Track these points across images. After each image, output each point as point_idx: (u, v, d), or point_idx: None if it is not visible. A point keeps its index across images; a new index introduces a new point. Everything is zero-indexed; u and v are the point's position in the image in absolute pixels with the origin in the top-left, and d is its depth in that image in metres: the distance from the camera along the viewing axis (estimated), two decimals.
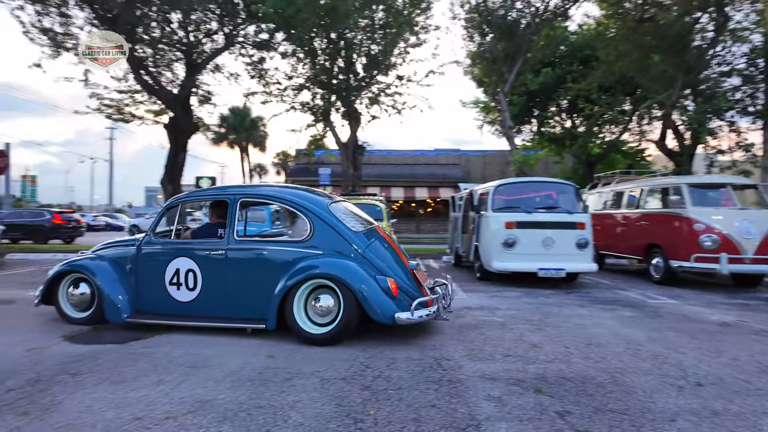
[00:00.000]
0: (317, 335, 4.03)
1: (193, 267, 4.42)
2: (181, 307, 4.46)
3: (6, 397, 2.79)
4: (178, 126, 14.51)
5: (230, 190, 4.82)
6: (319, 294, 4.12)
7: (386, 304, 4.00)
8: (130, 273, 4.63)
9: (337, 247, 4.26)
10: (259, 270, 4.31)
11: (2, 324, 4.71)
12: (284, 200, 4.58)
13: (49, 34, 13.25)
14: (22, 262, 11.11)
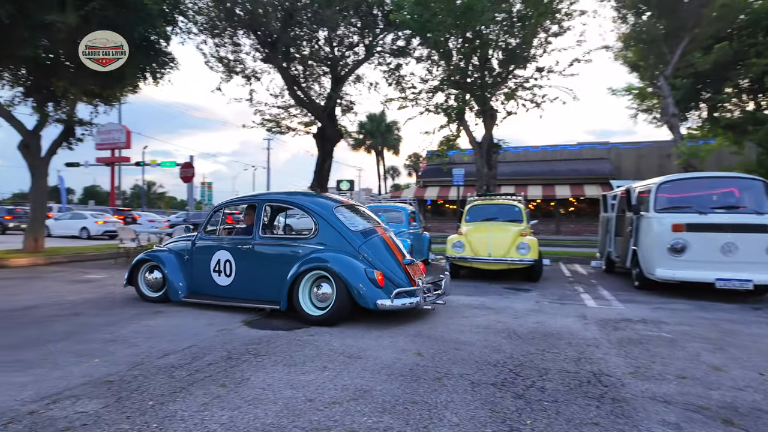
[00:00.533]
0: (316, 316, 4.80)
1: (230, 258, 5.52)
2: (221, 290, 5.57)
3: (208, 370, 3.35)
4: (325, 135, 15.85)
5: (258, 196, 6.13)
6: (321, 282, 4.89)
7: (371, 292, 4.65)
8: (187, 262, 5.87)
9: (337, 243, 5.04)
10: (275, 261, 5.26)
11: (193, 309, 5.66)
12: (296, 204, 5.64)
13: (224, 61, 15.60)
14: None
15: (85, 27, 9.45)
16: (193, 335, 4.31)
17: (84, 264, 10.67)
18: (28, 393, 2.84)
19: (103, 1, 9.47)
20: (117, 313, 5.25)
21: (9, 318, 4.97)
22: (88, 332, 4.37)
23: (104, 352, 3.73)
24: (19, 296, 6.30)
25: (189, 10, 12.62)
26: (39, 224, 11.62)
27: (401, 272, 5.09)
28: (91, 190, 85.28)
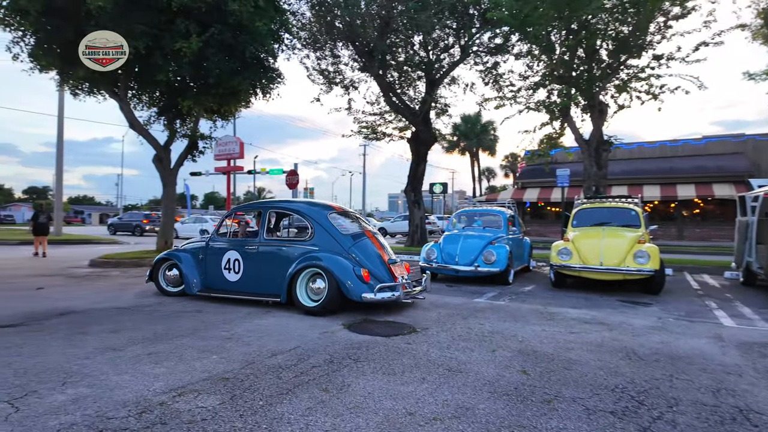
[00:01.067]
0: (311, 307, 5.61)
1: (238, 257, 6.35)
2: (231, 285, 6.38)
3: (311, 372, 3.46)
4: (419, 139, 15.89)
5: (264, 203, 7.32)
6: (315, 278, 5.71)
7: (358, 287, 5.45)
8: (202, 261, 6.68)
9: (330, 245, 5.86)
10: (277, 260, 6.08)
11: (298, 311, 5.94)
12: (295, 210, 6.60)
13: (324, 73, 16.40)
14: None
15: (206, 50, 10.53)
16: (298, 336, 4.51)
17: None
18: (159, 384, 3.16)
19: (220, 27, 10.48)
20: (233, 311, 5.70)
21: (143, 312, 5.64)
22: (209, 329, 4.79)
23: (221, 349, 4.05)
24: (150, 292, 7.15)
25: (294, 27, 13.44)
26: (169, 228, 13.18)
27: (385, 270, 5.92)
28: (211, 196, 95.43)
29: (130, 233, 29.40)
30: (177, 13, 10.36)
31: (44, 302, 6.21)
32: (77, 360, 3.66)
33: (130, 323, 5.02)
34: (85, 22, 9.68)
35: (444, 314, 5.71)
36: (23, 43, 10.90)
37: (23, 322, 4.97)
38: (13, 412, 2.67)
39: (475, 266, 8.05)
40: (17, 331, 4.61)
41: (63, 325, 4.85)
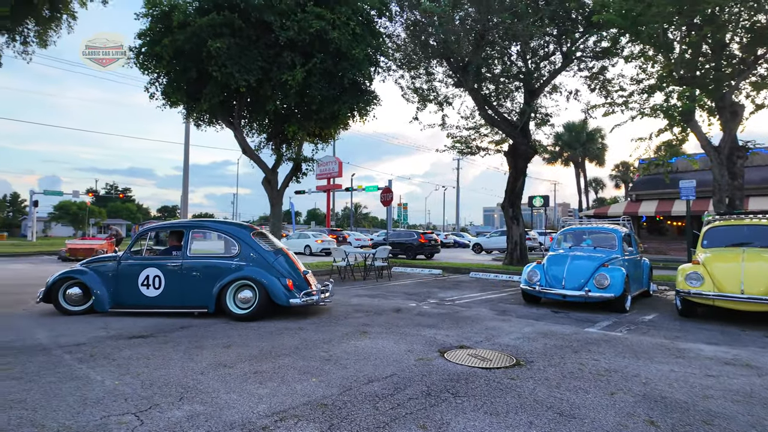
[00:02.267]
0: (242, 314, 6.45)
1: (159, 274, 6.76)
2: (149, 300, 6.74)
3: (408, 405, 3.34)
4: (517, 152, 15.22)
5: (185, 222, 7.98)
6: (243, 289, 6.55)
7: (285, 295, 6.48)
8: (112, 279, 6.85)
9: (256, 260, 6.72)
10: (204, 274, 6.72)
11: (394, 331, 5.87)
12: (221, 230, 7.25)
13: (419, 91, 16.54)
14: (401, 275, 14.00)
15: (309, 79, 11.20)
16: (394, 362, 4.43)
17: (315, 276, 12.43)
18: (263, 407, 3.26)
19: (322, 56, 11.09)
20: (331, 331, 5.82)
21: (251, 328, 5.99)
22: (309, 348, 4.91)
23: (321, 371, 4.11)
24: None
25: (389, 50, 13.78)
26: None
27: (302, 280, 7.02)
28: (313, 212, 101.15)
29: None
30: (284, 47, 11.20)
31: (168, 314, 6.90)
32: (194, 375, 3.95)
33: (239, 338, 5.35)
34: (206, 62, 10.88)
35: (551, 345, 5.25)
36: (157, 84, 12.55)
37: (152, 334, 5.56)
38: (138, 425, 2.92)
39: (586, 291, 7.35)
40: (147, 342, 5.15)
41: (184, 339, 5.32)
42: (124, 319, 6.41)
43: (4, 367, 4.10)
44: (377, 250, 12.44)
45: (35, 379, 3.79)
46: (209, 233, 7.67)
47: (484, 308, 7.89)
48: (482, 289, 10.55)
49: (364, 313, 7.15)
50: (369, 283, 11.63)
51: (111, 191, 70.62)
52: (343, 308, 7.62)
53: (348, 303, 8.22)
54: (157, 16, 11.50)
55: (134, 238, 7.40)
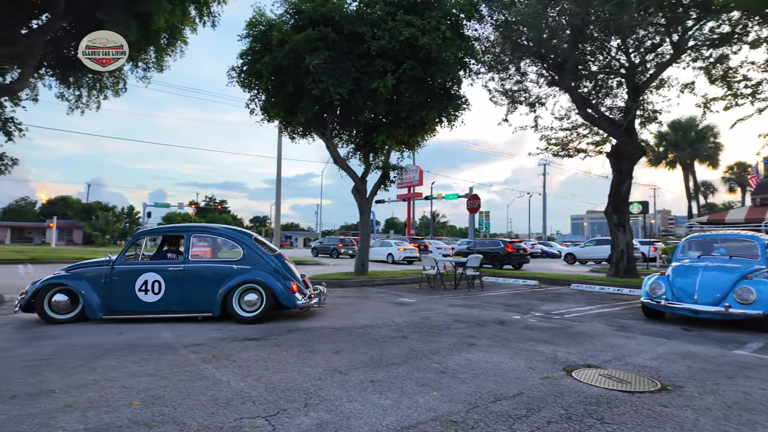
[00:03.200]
0: (248, 317, 6.49)
1: (158, 279, 6.55)
2: (147, 305, 6.52)
3: (549, 430, 2.98)
4: (622, 152, 13.98)
5: (184, 226, 7.59)
6: (247, 293, 6.59)
7: (291, 297, 6.71)
8: (105, 285, 6.48)
9: (261, 264, 6.77)
10: (208, 279, 6.66)
11: (506, 345, 5.47)
12: (223, 234, 7.18)
13: (508, 93, 15.91)
14: (493, 285, 13.38)
15: (399, 86, 11.19)
16: (517, 379, 4.06)
17: (396, 287, 12.34)
18: (389, 420, 3.09)
19: (412, 62, 11.04)
20: (436, 341, 5.57)
21: (355, 335, 5.93)
22: (419, 358, 4.71)
23: (439, 384, 3.87)
24: (358, 314, 7.58)
25: (478, 53, 13.40)
26: (365, 251, 14.21)
27: (302, 283, 7.17)
28: (391, 221, 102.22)
29: (328, 255, 33.16)
30: (374, 56, 11.32)
31: (273, 317, 7.10)
32: (312, 381, 3.90)
33: (345, 344, 5.29)
34: (303, 77, 11.31)
35: (697, 369, 4.54)
36: (257, 100, 13.31)
37: (263, 336, 5.70)
38: (270, 430, 2.89)
39: (725, 307, 6.37)
40: (260, 345, 5.27)
41: (293, 342, 5.38)
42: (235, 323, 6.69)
43: (141, 363, 4.37)
44: (469, 259, 12.01)
45: (168, 376, 3.97)
46: (211, 237, 7.34)
47: (598, 323, 7.18)
48: (589, 302, 9.69)
49: (465, 324, 6.81)
50: (460, 292, 11.23)
51: (210, 203, 76.96)
52: (440, 318, 7.35)
53: (445, 312, 7.93)
54: (257, 36, 12.23)
55: (128, 243, 7.04)
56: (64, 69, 11.86)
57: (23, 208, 68.06)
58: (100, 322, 6.30)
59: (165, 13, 8.59)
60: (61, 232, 55.37)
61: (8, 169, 9.09)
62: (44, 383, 3.73)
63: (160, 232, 7.71)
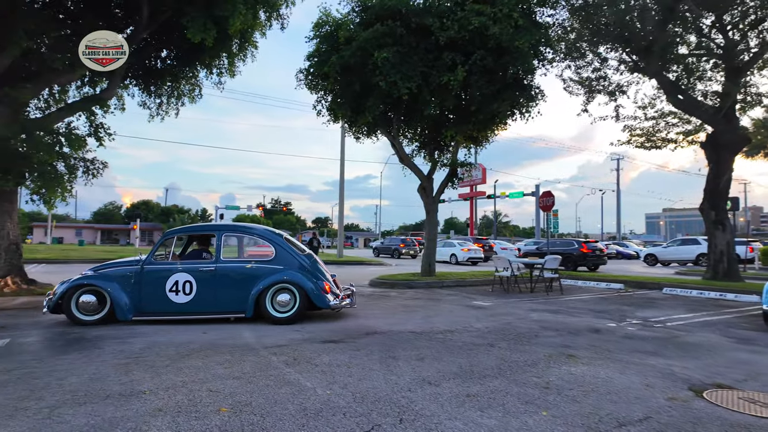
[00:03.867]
0: (282, 317, 6.42)
1: (190, 279, 6.39)
2: (178, 307, 6.35)
3: None
4: (720, 142, 12.51)
5: (215, 225, 8.09)
6: (279, 293, 6.51)
7: (323, 297, 6.57)
8: (135, 285, 6.34)
9: (293, 264, 6.71)
10: (240, 279, 6.49)
11: (610, 357, 4.86)
12: (255, 234, 7.10)
13: (585, 82, 14.85)
14: (572, 288, 12.47)
15: (469, 78, 10.71)
16: (637, 399, 3.51)
17: (466, 289, 11.83)
18: None
19: (482, 52, 10.51)
20: (528, 350, 5.09)
21: (436, 340, 5.57)
22: (515, 371, 4.26)
23: (546, 402, 3.42)
24: (434, 318, 7.21)
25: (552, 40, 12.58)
26: (432, 252, 13.80)
27: (333, 283, 6.97)
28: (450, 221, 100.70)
29: (389, 255, 33.04)
30: (443, 48, 10.91)
31: (350, 320, 6.91)
32: (401, 391, 3.60)
33: (428, 350, 4.95)
34: (370, 74, 11.14)
35: None
36: (323, 101, 13.36)
37: (342, 339, 5.50)
38: None
39: None
40: (340, 348, 5.06)
41: (374, 347, 5.12)
42: (314, 322, 6.57)
43: (225, 365, 4.29)
44: (546, 260, 11.24)
45: (253, 380, 3.84)
46: (242, 237, 7.09)
47: (710, 333, 6.30)
48: (690, 309, 8.66)
49: (555, 332, 6.23)
50: (537, 296, 10.52)
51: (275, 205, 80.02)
52: (524, 324, 6.80)
53: (527, 318, 7.36)
54: (323, 37, 12.24)
55: (158, 242, 6.83)
56: (147, 78, 12.54)
57: (110, 212, 74.51)
58: (184, 321, 6.41)
59: (240, 16, 8.72)
60: (143, 233, 59.88)
61: (99, 172, 9.66)
62: (135, 383, 3.72)
63: (191, 232, 7.52)
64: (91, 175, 9.64)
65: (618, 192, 52.24)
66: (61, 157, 8.80)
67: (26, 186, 8.77)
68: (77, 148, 8.90)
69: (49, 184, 8.51)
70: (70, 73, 8.91)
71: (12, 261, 8.63)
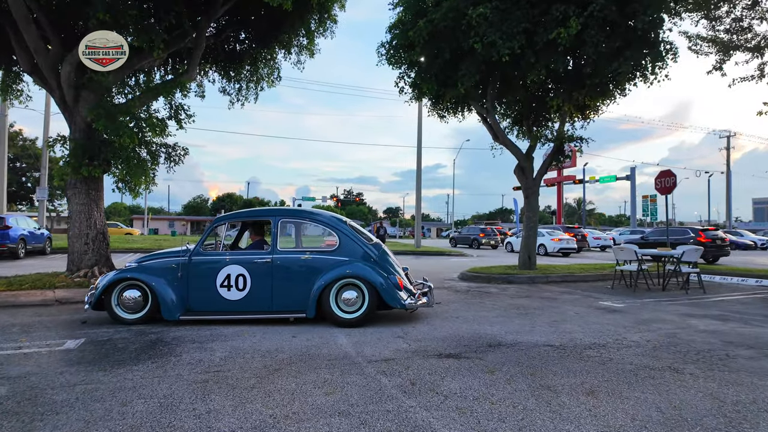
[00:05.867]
0: (349, 319, 5.38)
1: (243, 272, 5.50)
2: (231, 304, 5.50)
3: None
4: None
5: (271, 210, 6.63)
6: (344, 289, 5.44)
7: (397, 295, 5.46)
8: (182, 279, 5.48)
9: (360, 255, 5.68)
10: (300, 273, 5.55)
11: None
12: (317, 220, 5.97)
13: (717, 40, 12.28)
14: (711, 285, 10.24)
15: (584, 33, 8.93)
16: None
17: (578, 285, 10.12)
18: None
19: (603, 2, 8.68)
20: (737, 381, 3.53)
21: (590, 359, 4.17)
22: (749, 420, 2.79)
23: None
24: (564, 325, 5.77)
25: None
26: (532, 243, 12.15)
27: (405, 278, 5.93)
28: None
29: (467, 246, 31.37)
30: (551, 2, 9.21)
31: (457, 324, 5.69)
32: None
33: (591, 377, 3.59)
34: (463, 37, 9.73)
35: None
36: (406, 77, 12.18)
37: (461, 353, 4.29)
38: None
39: None
40: (463, 366, 3.85)
41: (510, 367, 3.85)
42: (419, 325, 5.44)
43: (324, 388, 3.26)
44: (685, 252, 9.21)
45: (367, 420, 2.74)
46: (302, 223, 6.05)
47: None
48: None
49: (751, 349, 4.56)
50: (675, 295, 8.59)
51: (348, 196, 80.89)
52: (696, 336, 5.14)
53: (692, 327, 5.66)
54: (408, 3, 11.00)
55: (207, 230, 5.93)
56: (226, 62, 12.13)
57: (199, 205, 79.59)
58: (269, 322, 5.56)
59: None
60: None
61: (181, 159, 9.26)
62: (212, 416, 2.79)
63: (243, 218, 6.54)
64: (173, 162, 9.26)
65: (728, 173, 45.80)
66: (143, 144, 8.44)
67: (113, 173, 8.54)
68: (158, 132, 8.49)
69: (133, 171, 8.16)
70: (149, 56, 8.50)
71: (100, 251, 8.44)
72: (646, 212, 44.35)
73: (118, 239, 25.32)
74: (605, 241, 30.13)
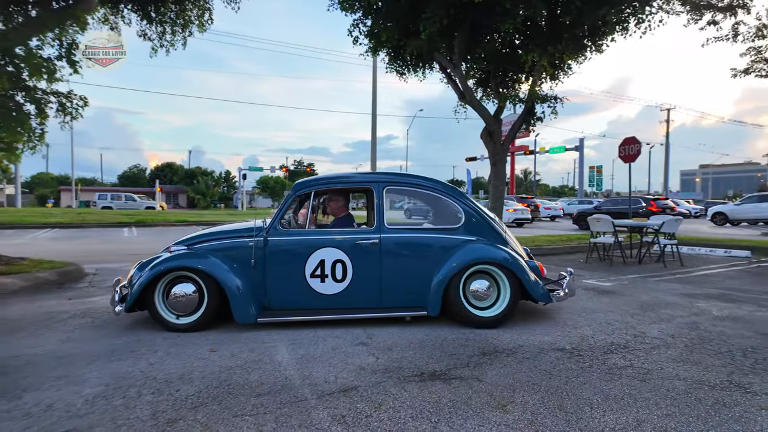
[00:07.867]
0: (486, 318, 4.11)
1: (343, 258, 4.13)
2: (325, 300, 4.13)
3: None
4: None
5: (372, 176, 4.64)
6: (472, 278, 4.18)
7: (540, 285, 4.25)
8: (256, 268, 4.11)
9: (486, 234, 4.36)
10: (416, 258, 4.23)
11: None
12: (432, 188, 4.51)
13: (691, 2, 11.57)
14: (684, 257, 9.79)
15: None
16: None
17: (547, 258, 9.27)
18: None
19: None
20: None
21: (614, 372, 3.11)
22: None
23: None
24: (558, 315, 4.77)
25: None
26: (498, 213, 11.20)
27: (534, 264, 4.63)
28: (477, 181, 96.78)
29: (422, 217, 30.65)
30: None
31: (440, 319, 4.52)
32: None
33: (644, 408, 2.50)
34: None
35: None
36: (360, 25, 10.62)
37: (449, 368, 3.09)
38: None
39: None
40: (457, 397, 2.66)
41: (520, 394, 2.69)
42: (382, 322, 4.18)
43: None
44: (664, 222, 8.54)
45: None
46: (415, 192, 4.68)
47: None
48: None
49: None
50: (655, 268, 7.95)
51: (298, 166, 77.80)
52: (723, 328, 4.26)
53: (706, 313, 4.81)
54: None
55: (285, 200, 4.41)
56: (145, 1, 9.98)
57: (136, 175, 73.63)
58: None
59: None
60: (168, 196, 58.87)
61: (79, 111, 7.30)
62: None
63: (333, 184, 4.68)
64: (68, 114, 7.29)
65: (667, 145, 47.81)
66: (21, 89, 6.46)
67: None
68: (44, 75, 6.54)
69: (7, 123, 6.22)
70: None
71: None
72: (591, 183, 45.57)
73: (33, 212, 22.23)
74: (555, 211, 30.36)
